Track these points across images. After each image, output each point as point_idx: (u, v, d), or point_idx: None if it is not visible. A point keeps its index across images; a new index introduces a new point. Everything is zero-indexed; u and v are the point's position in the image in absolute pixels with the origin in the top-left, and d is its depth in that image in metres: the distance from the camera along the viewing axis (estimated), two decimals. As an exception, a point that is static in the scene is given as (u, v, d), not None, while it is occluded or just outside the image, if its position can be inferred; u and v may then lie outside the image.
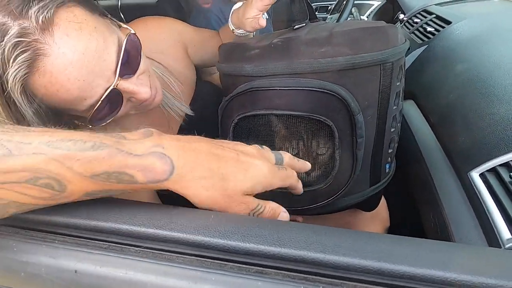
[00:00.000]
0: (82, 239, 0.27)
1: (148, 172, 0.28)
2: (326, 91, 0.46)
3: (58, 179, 0.25)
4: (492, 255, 0.26)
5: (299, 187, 0.40)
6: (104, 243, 0.26)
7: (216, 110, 0.67)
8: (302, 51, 0.47)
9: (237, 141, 0.49)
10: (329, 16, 1.55)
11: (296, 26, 0.55)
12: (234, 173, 0.31)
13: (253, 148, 0.37)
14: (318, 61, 0.45)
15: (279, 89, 0.47)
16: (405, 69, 0.57)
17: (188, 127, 0.66)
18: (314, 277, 0.22)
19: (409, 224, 0.76)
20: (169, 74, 0.64)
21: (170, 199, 0.50)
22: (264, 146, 0.40)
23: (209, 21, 1.18)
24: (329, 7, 1.78)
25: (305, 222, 0.68)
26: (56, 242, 0.27)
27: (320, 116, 0.46)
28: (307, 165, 0.43)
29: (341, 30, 0.48)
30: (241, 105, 0.52)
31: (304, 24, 0.55)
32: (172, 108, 0.62)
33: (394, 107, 0.53)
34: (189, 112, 0.66)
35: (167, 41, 0.67)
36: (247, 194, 0.32)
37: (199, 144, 0.31)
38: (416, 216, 0.71)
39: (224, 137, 0.57)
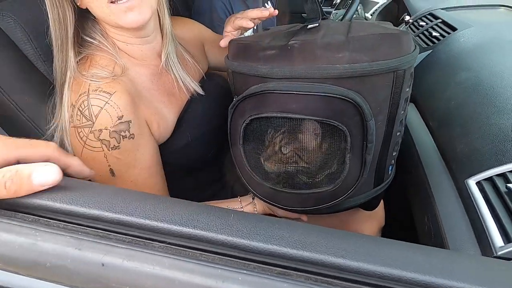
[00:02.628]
0: (103, 231, 0.27)
1: None
2: (342, 97, 0.46)
3: None
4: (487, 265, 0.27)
5: None
6: (127, 237, 0.27)
7: (219, 96, 0.74)
8: (319, 56, 0.47)
9: (247, 141, 0.52)
10: (334, 11, 1.54)
11: (310, 26, 0.55)
12: None
13: None
14: (335, 67, 0.46)
15: (296, 93, 0.47)
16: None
17: (194, 102, 0.72)
18: (335, 280, 0.23)
19: (402, 225, 0.79)
20: (188, 54, 0.74)
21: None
22: None
23: (214, 6, 1.15)
24: (334, 1, 1.77)
25: (304, 219, 0.70)
26: (80, 233, 0.27)
27: (335, 122, 0.47)
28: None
29: (357, 35, 0.48)
30: (254, 106, 0.52)
31: (317, 24, 0.55)
32: (184, 81, 0.69)
33: (402, 112, 0.54)
34: (200, 90, 0.71)
35: (189, 32, 0.80)
36: None
37: None
38: (410, 217, 0.74)
39: (234, 136, 0.57)
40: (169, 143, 0.66)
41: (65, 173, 0.37)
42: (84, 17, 0.60)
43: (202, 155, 0.71)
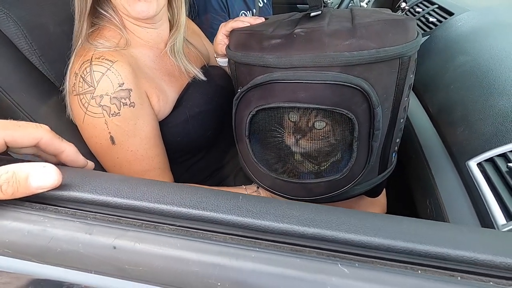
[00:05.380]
0: (113, 216, 0.27)
1: None
2: (351, 85, 0.46)
3: None
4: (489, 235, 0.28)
5: None
6: (137, 221, 0.27)
7: (220, 83, 0.76)
8: (326, 43, 0.46)
9: (254, 132, 0.52)
10: (329, 0, 1.54)
11: (313, 14, 0.54)
12: None
13: None
14: (344, 55, 0.45)
15: (304, 82, 0.47)
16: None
17: (195, 84, 0.74)
18: (348, 255, 0.24)
19: (404, 210, 0.79)
20: (191, 45, 0.79)
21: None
22: None
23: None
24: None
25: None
26: (89, 219, 0.27)
27: (343, 110, 0.47)
28: None
29: (363, 22, 0.48)
30: (260, 97, 0.51)
31: (320, 12, 0.54)
32: (186, 68, 0.71)
33: (406, 99, 0.54)
34: (201, 76, 0.74)
35: (193, 26, 0.87)
36: None
37: None
38: (411, 202, 0.75)
39: (239, 127, 0.56)
40: (169, 119, 0.68)
41: (59, 161, 0.35)
42: None
43: (200, 134, 0.72)
